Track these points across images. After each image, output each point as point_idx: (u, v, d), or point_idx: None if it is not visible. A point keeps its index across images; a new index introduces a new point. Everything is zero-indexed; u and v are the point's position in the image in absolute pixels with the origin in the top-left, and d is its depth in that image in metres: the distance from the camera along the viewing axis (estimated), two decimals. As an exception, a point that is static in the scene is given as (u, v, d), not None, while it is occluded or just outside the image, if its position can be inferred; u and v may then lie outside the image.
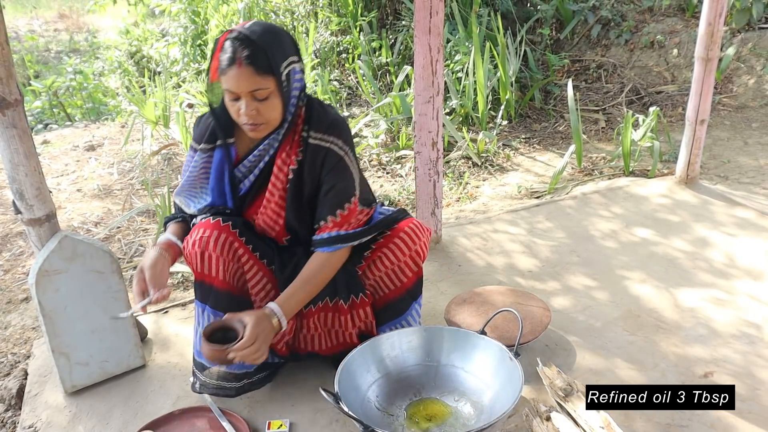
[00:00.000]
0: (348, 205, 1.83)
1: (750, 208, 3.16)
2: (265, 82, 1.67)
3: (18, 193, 1.87)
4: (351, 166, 1.85)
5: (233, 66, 1.64)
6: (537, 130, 4.70)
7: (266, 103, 1.70)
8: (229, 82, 1.66)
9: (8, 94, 1.76)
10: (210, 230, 1.80)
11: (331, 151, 1.81)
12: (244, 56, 1.64)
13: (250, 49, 1.65)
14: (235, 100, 1.69)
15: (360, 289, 1.93)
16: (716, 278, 2.59)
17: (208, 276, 1.83)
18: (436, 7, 2.47)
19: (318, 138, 1.81)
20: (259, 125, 1.73)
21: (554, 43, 5.60)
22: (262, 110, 1.70)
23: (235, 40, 1.66)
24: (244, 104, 1.68)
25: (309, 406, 1.96)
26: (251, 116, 1.69)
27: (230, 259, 1.83)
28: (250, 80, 1.65)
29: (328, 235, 1.82)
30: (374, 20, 5.77)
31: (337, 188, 1.82)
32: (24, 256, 3.31)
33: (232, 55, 1.64)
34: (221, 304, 1.84)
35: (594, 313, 2.40)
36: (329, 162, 1.82)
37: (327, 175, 1.82)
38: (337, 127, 1.83)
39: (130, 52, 7.73)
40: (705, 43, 3.08)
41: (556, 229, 3.07)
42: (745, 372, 2.04)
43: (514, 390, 1.58)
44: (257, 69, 1.65)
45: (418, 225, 1.95)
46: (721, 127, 4.51)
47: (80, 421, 1.99)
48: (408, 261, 1.94)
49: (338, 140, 1.82)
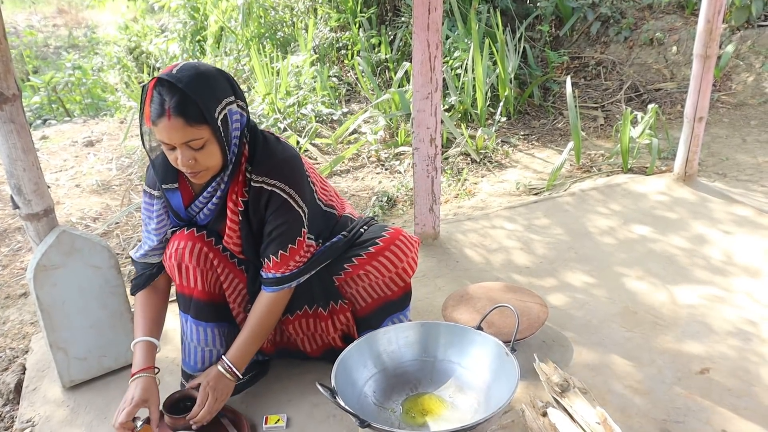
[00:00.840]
0: (291, 245, 1.78)
1: (748, 205, 3.17)
2: (198, 132, 1.58)
3: (16, 188, 1.87)
4: (296, 206, 1.77)
5: (163, 117, 1.55)
6: (536, 127, 4.70)
7: (203, 151, 1.61)
8: (161, 133, 1.58)
9: (6, 89, 1.76)
10: (185, 241, 1.80)
11: (274, 194, 1.74)
12: (172, 107, 1.54)
13: (177, 99, 1.55)
14: (172, 149, 1.62)
15: (338, 297, 1.94)
16: (713, 275, 2.60)
17: (187, 287, 1.84)
18: (434, 4, 2.47)
19: (260, 181, 1.73)
20: (199, 172, 1.66)
21: (553, 40, 5.60)
22: (199, 158, 1.62)
23: (162, 88, 1.56)
24: (180, 154, 1.60)
25: (306, 400, 1.97)
26: (189, 165, 1.62)
27: (207, 268, 1.83)
28: (182, 132, 1.56)
29: (271, 275, 1.80)
30: (374, 16, 5.77)
31: (280, 230, 1.76)
32: (22, 251, 3.31)
33: (160, 107, 1.55)
34: (202, 314, 1.85)
35: (591, 309, 2.41)
36: (273, 204, 1.75)
37: (270, 216, 1.77)
38: (279, 169, 1.75)
39: (129, 48, 7.73)
40: (704, 40, 3.08)
41: (554, 226, 3.07)
42: (741, 368, 2.05)
43: (510, 385, 1.59)
44: (188, 120, 1.56)
45: (405, 240, 1.92)
46: (720, 125, 4.51)
47: (78, 416, 1.99)
48: (394, 277, 1.93)
49: (281, 183, 1.73)
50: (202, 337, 1.87)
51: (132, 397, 1.70)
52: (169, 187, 1.81)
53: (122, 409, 1.68)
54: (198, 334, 1.87)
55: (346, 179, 4.04)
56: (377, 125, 4.47)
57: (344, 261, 1.91)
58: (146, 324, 1.86)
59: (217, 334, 1.89)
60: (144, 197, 1.88)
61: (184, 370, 1.96)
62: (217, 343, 1.89)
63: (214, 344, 1.89)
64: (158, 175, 1.79)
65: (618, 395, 1.95)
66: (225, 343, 1.91)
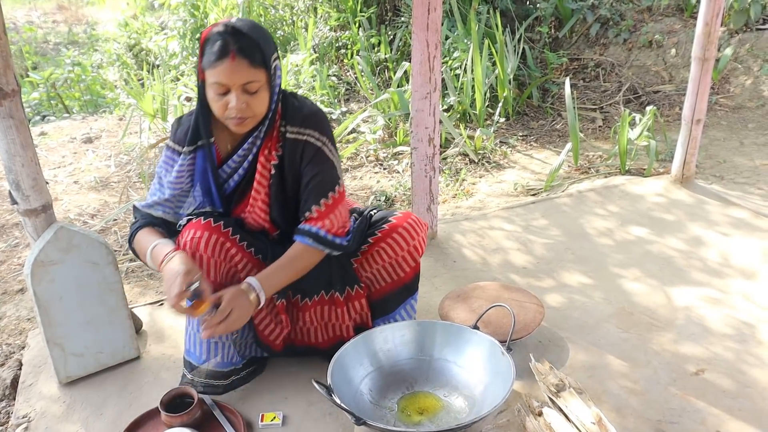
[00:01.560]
0: (332, 194, 1.82)
1: (745, 208, 3.18)
2: (257, 74, 1.66)
3: (14, 184, 1.87)
4: (331, 155, 1.83)
5: (225, 58, 1.62)
6: (534, 128, 4.71)
7: (256, 96, 1.68)
8: (220, 75, 1.63)
9: (5, 84, 1.76)
10: (201, 231, 1.79)
11: (308, 143, 1.81)
12: (237, 48, 1.62)
13: (243, 42, 1.63)
14: (223, 94, 1.67)
15: (355, 281, 1.95)
16: (710, 277, 2.60)
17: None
18: (434, 4, 2.47)
19: (295, 132, 1.81)
20: (246, 119, 1.71)
21: (553, 41, 5.61)
22: (251, 104, 1.68)
23: (225, 33, 1.64)
24: (234, 97, 1.65)
25: (302, 398, 1.97)
26: (241, 110, 1.67)
27: (222, 260, 1.82)
28: (245, 72, 1.64)
29: (310, 228, 1.80)
30: (373, 16, 5.78)
31: (318, 178, 1.81)
32: (20, 247, 3.31)
33: (224, 48, 1.62)
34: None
35: (587, 310, 2.41)
36: (308, 154, 1.81)
37: (306, 167, 1.81)
38: (312, 119, 1.82)
39: (128, 45, 7.72)
40: (702, 43, 3.09)
41: (552, 227, 3.08)
42: (736, 370, 2.06)
43: (505, 384, 1.59)
44: (251, 62, 1.64)
45: (416, 220, 1.96)
46: (718, 127, 4.52)
47: (74, 412, 1.99)
48: (406, 256, 1.95)
49: (314, 132, 1.81)
50: None
51: (177, 270, 1.64)
52: (205, 143, 1.81)
53: (173, 281, 1.62)
54: None
55: (345, 178, 4.04)
56: (376, 125, 4.48)
57: (360, 243, 1.93)
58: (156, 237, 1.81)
59: None
60: (166, 152, 1.88)
61: (188, 360, 1.94)
62: (222, 335, 1.89)
63: (220, 336, 1.88)
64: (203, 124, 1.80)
65: (613, 396, 1.96)
66: (232, 336, 1.92)
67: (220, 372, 1.93)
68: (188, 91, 5.13)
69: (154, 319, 2.45)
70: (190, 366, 1.94)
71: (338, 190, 1.83)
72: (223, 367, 1.92)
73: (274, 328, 1.96)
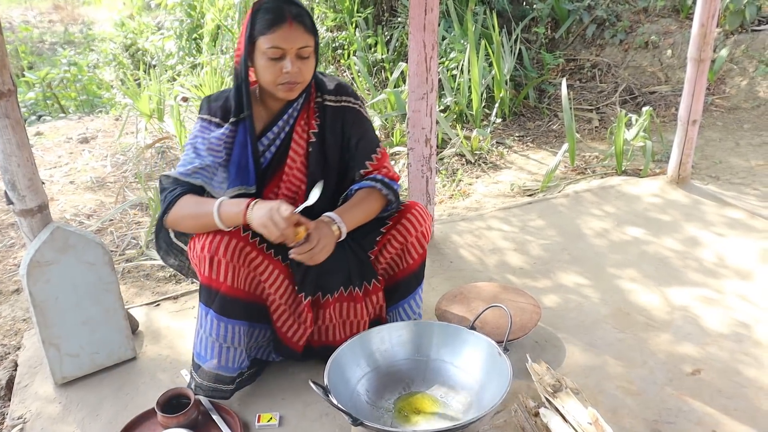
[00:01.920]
0: (379, 149, 1.96)
1: (740, 208, 3.19)
2: (310, 40, 1.74)
3: (10, 184, 1.87)
4: (368, 117, 1.98)
5: (283, 23, 1.70)
6: (531, 129, 4.72)
7: (307, 62, 1.76)
8: (277, 39, 1.70)
9: (1, 84, 1.76)
10: (221, 235, 1.76)
11: (348, 108, 1.93)
12: (294, 13, 1.71)
13: (297, 9, 1.72)
14: (278, 59, 1.73)
15: (373, 275, 1.96)
16: (706, 277, 2.61)
17: (215, 281, 1.79)
18: (431, 4, 2.47)
19: (333, 100, 1.92)
20: (297, 84, 1.77)
21: (549, 42, 5.62)
22: (303, 69, 1.76)
23: (281, 1, 1.71)
24: (289, 62, 1.72)
25: (299, 399, 1.97)
26: (294, 74, 1.74)
27: (240, 264, 1.80)
28: (301, 37, 1.72)
29: (375, 176, 1.91)
30: (370, 17, 5.77)
31: (366, 137, 1.95)
32: (15, 247, 3.30)
33: (282, 13, 1.70)
34: (227, 311, 1.82)
35: (584, 310, 2.42)
36: (349, 118, 1.93)
37: (351, 128, 1.93)
38: (344, 87, 1.96)
39: (125, 45, 7.72)
40: (698, 44, 3.09)
41: (548, 227, 3.08)
42: (732, 370, 2.06)
43: (502, 385, 1.59)
44: (306, 27, 1.73)
45: (422, 208, 2.01)
46: (714, 128, 4.53)
47: (70, 413, 1.99)
48: (414, 242, 1.97)
49: (350, 97, 1.94)
50: (222, 333, 1.84)
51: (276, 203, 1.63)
52: (247, 115, 1.84)
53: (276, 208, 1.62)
54: (219, 329, 1.83)
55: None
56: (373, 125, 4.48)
57: (374, 233, 1.96)
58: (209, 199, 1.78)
59: (239, 332, 1.86)
60: (201, 123, 1.88)
61: (197, 363, 1.91)
62: (236, 341, 1.86)
63: (233, 342, 1.86)
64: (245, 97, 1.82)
65: (610, 396, 1.96)
66: (246, 342, 1.91)
67: (228, 377, 1.90)
68: (184, 91, 5.12)
69: (150, 320, 2.45)
70: (197, 367, 1.91)
71: (382, 146, 1.99)
72: (232, 372, 1.90)
73: (297, 329, 1.95)
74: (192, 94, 4.96)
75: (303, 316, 1.94)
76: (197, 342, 1.90)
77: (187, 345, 2.29)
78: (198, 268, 1.83)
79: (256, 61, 1.77)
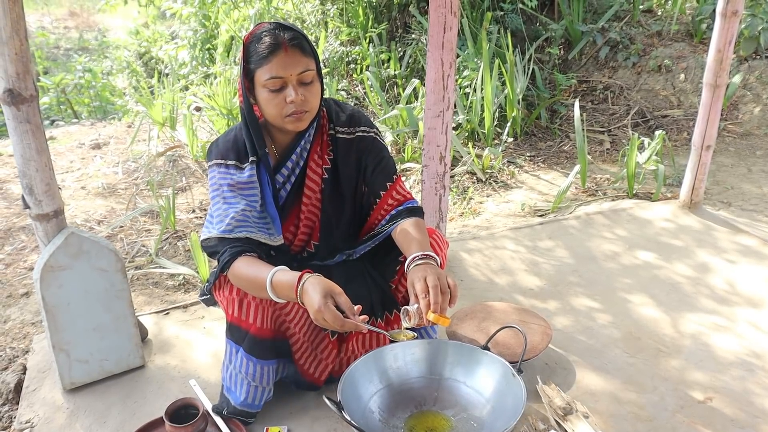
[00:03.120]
0: (395, 175, 1.92)
1: (753, 235, 3.17)
2: (309, 63, 1.67)
3: (28, 188, 1.87)
4: (383, 142, 1.93)
5: (279, 51, 1.62)
6: (542, 149, 4.72)
7: (311, 87, 1.68)
8: (275, 68, 1.63)
9: (24, 89, 1.77)
10: None
11: (362, 137, 1.88)
12: (288, 38, 1.63)
13: (291, 33, 1.65)
14: (279, 90, 1.65)
15: (394, 304, 1.94)
16: (717, 304, 2.59)
17: (244, 322, 1.79)
18: (450, 23, 2.48)
19: (346, 132, 1.87)
20: (304, 113, 1.69)
21: (562, 62, 5.63)
22: (308, 96, 1.68)
23: (272, 29, 1.65)
24: (292, 90, 1.65)
25: (307, 414, 1.96)
26: (299, 102, 1.66)
27: (269, 305, 1.78)
28: (300, 61, 1.64)
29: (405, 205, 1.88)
30: (384, 32, 5.80)
31: (381, 163, 1.90)
32: (26, 250, 3.31)
33: (275, 40, 1.63)
34: (256, 351, 1.81)
35: (594, 333, 2.40)
36: (363, 146, 1.88)
37: (367, 157, 1.89)
38: (357, 117, 1.90)
39: (139, 53, 7.77)
40: (714, 69, 3.10)
41: (559, 249, 3.08)
42: (744, 399, 2.04)
43: (516, 407, 1.58)
44: (303, 50, 1.65)
45: (439, 236, 1.96)
46: (726, 154, 4.53)
47: (77, 419, 1.98)
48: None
49: (363, 126, 1.89)
50: (251, 372, 1.83)
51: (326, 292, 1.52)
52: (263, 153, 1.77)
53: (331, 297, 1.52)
54: (248, 368, 1.83)
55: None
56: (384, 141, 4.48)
57: (394, 263, 1.92)
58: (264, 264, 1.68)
59: (267, 371, 1.85)
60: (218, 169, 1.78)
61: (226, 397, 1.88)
62: (264, 380, 1.85)
63: (262, 381, 1.85)
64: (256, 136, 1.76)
65: (620, 420, 1.94)
66: (274, 380, 1.90)
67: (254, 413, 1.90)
68: (197, 100, 5.15)
69: (159, 328, 2.45)
70: (227, 403, 1.89)
71: (399, 176, 1.94)
72: (258, 408, 1.90)
73: (318, 364, 1.95)
74: (204, 104, 4.98)
75: (326, 352, 1.93)
76: (226, 375, 1.89)
77: (196, 355, 2.28)
78: (225, 308, 1.82)
79: (258, 96, 1.69)
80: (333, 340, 1.92)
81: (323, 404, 1.59)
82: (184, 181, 4.15)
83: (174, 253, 3.24)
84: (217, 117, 4.73)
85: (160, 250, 3.24)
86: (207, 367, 2.21)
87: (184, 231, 3.46)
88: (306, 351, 1.92)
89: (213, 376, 2.15)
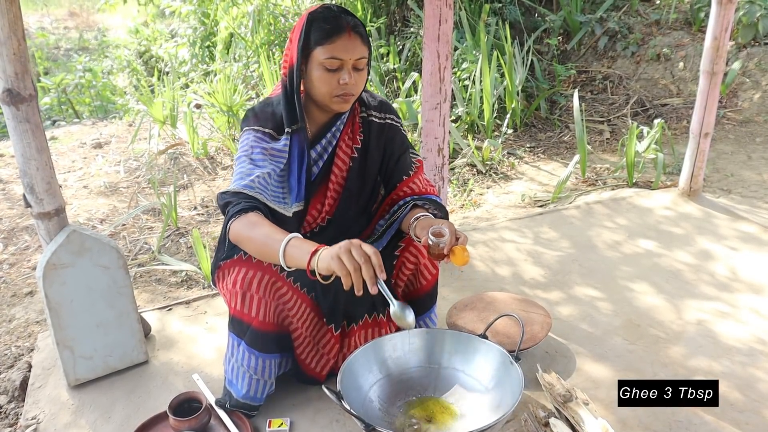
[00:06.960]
0: (415, 165, 1.99)
1: (753, 222, 3.18)
2: (366, 51, 1.73)
3: (29, 187, 1.89)
4: (406, 134, 2.02)
5: (343, 34, 1.67)
6: (542, 140, 4.72)
7: (362, 74, 1.75)
8: (337, 49, 1.67)
9: (23, 89, 1.79)
10: (254, 270, 1.76)
11: (392, 126, 1.96)
12: (352, 24, 1.69)
13: (354, 20, 1.71)
14: (335, 70, 1.69)
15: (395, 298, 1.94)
16: (718, 291, 2.60)
17: (246, 315, 1.80)
18: (445, 16, 2.49)
19: (378, 117, 1.94)
20: (351, 96, 1.75)
21: (561, 53, 5.63)
22: (358, 81, 1.74)
23: (337, 11, 1.70)
24: (347, 73, 1.70)
25: (309, 405, 1.98)
26: (351, 86, 1.72)
27: (271, 299, 1.79)
28: (359, 48, 1.69)
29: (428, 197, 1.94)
30: (383, 26, 5.81)
31: (406, 154, 1.98)
32: (30, 250, 3.33)
33: (340, 23, 1.67)
34: (257, 343, 1.82)
35: (595, 321, 2.41)
36: (391, 135, 1.95)
37: (394, 146, 1.96)
38: (388, 105, 1.99)
39: (139, 52, 7.79)
40: (710, 57, 3.10)
41: (560, 239, 3.09)
42: (745, 384, 2.05)
43: (513, 394, 1.60)
44: (362, 38, 1.71)
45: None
46: (725, 141, 4.52)
47: (83, 415, 2.00)
48: (426, 263, 1.97)
49: (393, 116, 1.97)
50: (253, 365, 1.85)
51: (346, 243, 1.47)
52: (302, 125, 1.80)
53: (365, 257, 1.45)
54: (250, 361, 1.84)
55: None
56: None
57: (391, 258, 1.95)
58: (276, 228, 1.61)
59: (269, 365, 1.87)
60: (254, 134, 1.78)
61: (228, 390, 1.91)
62: (266, 373, 1.87)
63: (263, 374, 1.87)
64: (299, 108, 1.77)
65: (620, 407, 1.96)
66: (276, 373, 1.92)
67: (256, 405, 1.92)
68: (198, 98, 5.16)
69: (162, 324, 2.47)
70: (230, 396, 1.91)
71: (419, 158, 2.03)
72: (260, 402, 1.92)
73: (320, 359, 1.96)
74: (205, 101, 5.00)
75: (328, 347, 1.94)
76: (228, 368, 1.91)
77: (199, 350, 2.30)
78: (228, 301, 1.83)
79: (311, 72, 1.72)
80: (336, 335, 1.93)
81: (325, 396, 1.60)
82: (186, 178, 4.17)
83: (176, 250, 3.26)
84: (217, 114, 4.74)
85: (162, 247, 3.26)
86: (210, 362, 2.23)
87: (186, 228, 3.48)
88: (308, 346, 1.93)
89: (216, 371, 2.17)
